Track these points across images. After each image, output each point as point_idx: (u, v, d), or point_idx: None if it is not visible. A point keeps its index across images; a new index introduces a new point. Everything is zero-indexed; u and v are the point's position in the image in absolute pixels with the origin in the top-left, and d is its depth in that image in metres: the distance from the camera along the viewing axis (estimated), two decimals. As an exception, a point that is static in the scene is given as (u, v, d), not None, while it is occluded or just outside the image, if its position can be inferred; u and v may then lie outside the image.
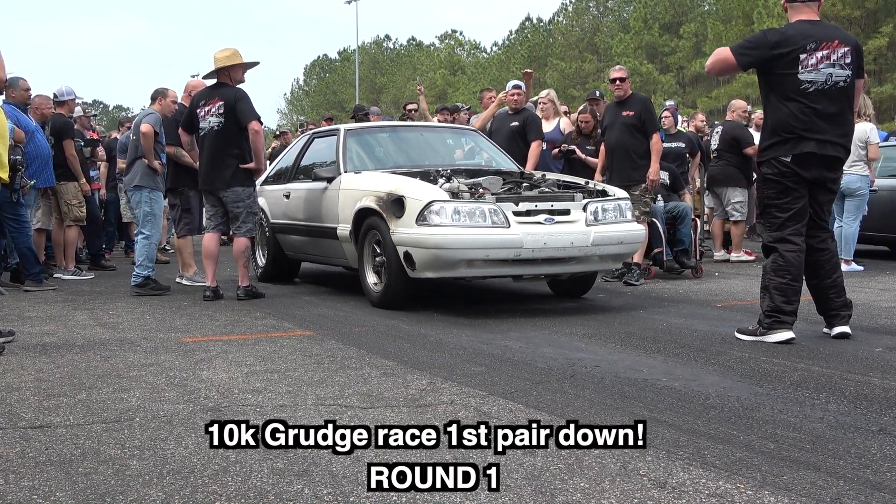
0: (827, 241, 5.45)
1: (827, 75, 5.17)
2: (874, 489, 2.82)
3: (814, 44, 5.18)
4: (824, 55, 5.17)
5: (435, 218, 6.36)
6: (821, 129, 5.18)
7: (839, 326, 5.41)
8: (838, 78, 5.20)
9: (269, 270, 8.91)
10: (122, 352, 5.27)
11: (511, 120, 9.30)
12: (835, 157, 5.29)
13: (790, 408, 3.81)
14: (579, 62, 50.65)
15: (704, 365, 4.74)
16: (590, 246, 6.59)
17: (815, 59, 5.16)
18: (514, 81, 9.80)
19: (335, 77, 74.10)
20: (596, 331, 5.85)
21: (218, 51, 7.68)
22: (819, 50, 5.17)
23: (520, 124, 9.22)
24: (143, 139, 7.92)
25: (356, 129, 8.41)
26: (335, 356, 5.05)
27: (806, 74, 5.16)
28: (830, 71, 5.18)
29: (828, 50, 5.18)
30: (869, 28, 37.01)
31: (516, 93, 9.42)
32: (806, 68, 5.16)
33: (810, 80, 5.16)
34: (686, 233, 9.21)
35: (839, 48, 5.21)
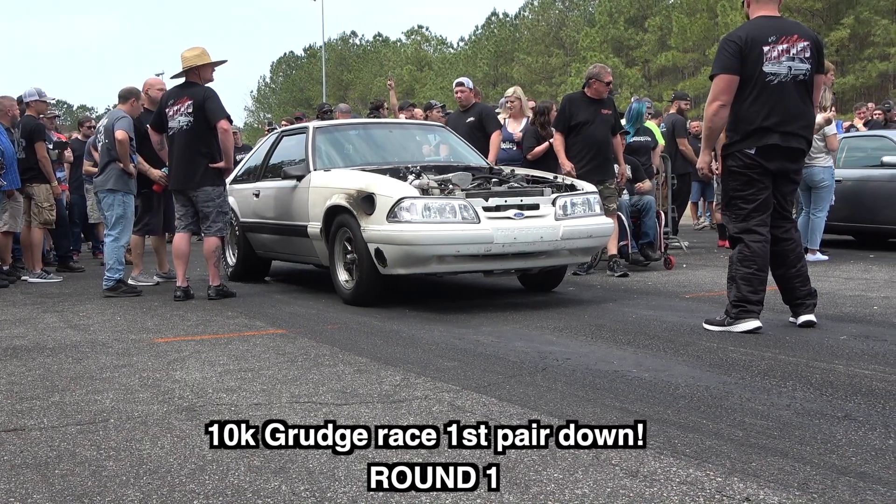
0: (791, 231, 5.55)
1: (787, 68, 5.27)
2: (840, 473, 2.89)
3: (774, 37, 5.28)
4: (784, 49, 5.27)
5: (405, 214, 6.39)
6: (784, 122, 5.28)
7: (805, 315, 5.50)
8: (798, 71, 5.30)
9: (240, 269, 8.91)
10: (93, 354, 5.26)
11: (465, 116, 9.40)
12: (797, 149, 5.39)
13: (758, 396, 3.88)
14: (546, 57, 50.81)
15: (674, 356, 4.81)
16: (559, 240, 6.65)
17: (777, 53, 5.26)
18: (458, 79, 10.00)
19: (302, 74, 73.86)
20: (566, 324, 5.91)
21: (186, 50, 7.65)
22: (779, 43, 5.27)
23: (476, 119, 9.30)
24: (119, 147, 7.87)
25: (325, 127, 8.42)
26: (308, 354, 5.07)
27: (769, 66, 5.25)
28: (790, 64, 5.28)
29: (787, 44, 5.28)
30: (830, 20, 37.45)
31: (459, 90, 9.61)
32: (770, 60, 5.25)
33: (773, 72, 5.26)
34: (651, 225, 9.36)
35: (799, 42, 5.31)
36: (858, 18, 36.26)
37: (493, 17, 59.56)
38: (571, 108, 8.47)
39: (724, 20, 37.82)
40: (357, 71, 67.39)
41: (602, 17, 48.19)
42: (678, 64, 44.34)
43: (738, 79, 5.29)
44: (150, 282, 8.72)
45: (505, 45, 55.02)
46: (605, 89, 8.48)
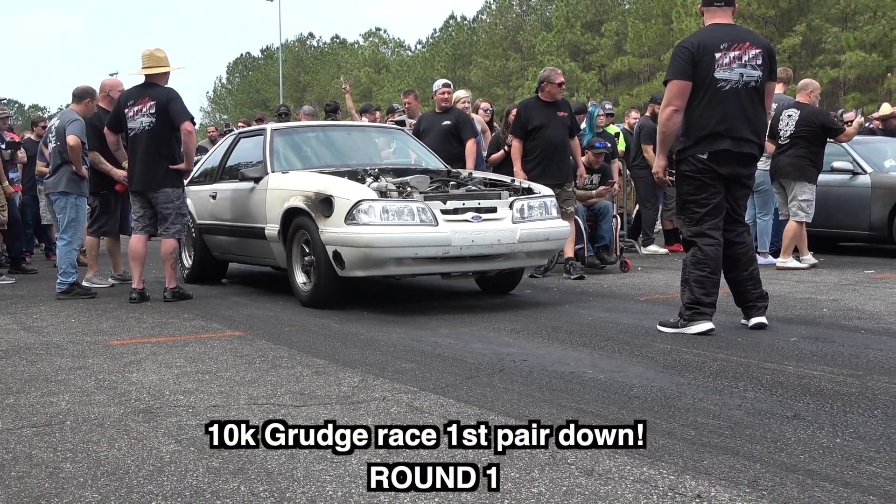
0: (743, 234, 5.66)
1: (739, 75, 5.38)
2: (789, 471, 2.97)
3: (726, 44, 5.38)
4: (736, 56, 5.38)
5: (364, 217, 6.41)
6: (735, 128, 5.39)
7: (756, 317, 5.61)
8: (750, 78, 5.41)
9: (196, 271, 8.85)
10: (48, 356, 5.21)
11: (442, 119, 9.31)
12: (749, 154, 5.50)
13: (710, 396, 3.96)
14: (503, 60, 50.97)
15: (628, 357, 4.88)
16: (516, 243, 6.71)
17: (729, 59, 5.37)
18: (442, 80, 9.88)
19: (259, 75, 73.38)
20: (524, 326, 5.96)
21: (149, 49, 7.59)
22: (731, 50, 5.38)
23: (452, 123, 9.26)
24: (71, 152, 7.78)
25: (283, 129, 8.40)
26: (266, 356, 5.07)
27: (721, 73, 5.36)
28: (742, 71, 5.39)
29: (739, 51, 5.39)
30: (783, 27, 38.00)
31: (446, 91, 9.48)
32: (721, 67, 5.36)
33: (725, 78, 5.36)
34: (607, 229, 9.48)
35: (750, 49, 5.42)
36: (810, 26, 36.85)
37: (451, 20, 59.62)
38: (527, 114, 8.55)
39: (679, 26, 38.22)
40: (314, 72, 67.07)
41: (559, 22, 48.43)
42: (634, 69, 44.73)
43: (691, 84, 5.38)
44: (104, 284, 8.64)
45: (463, 49, 55.11)
46: (557, 90, 8.55)
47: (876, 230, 9.84)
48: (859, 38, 34.25)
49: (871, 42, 34.02)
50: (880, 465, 3.01)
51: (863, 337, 5.35)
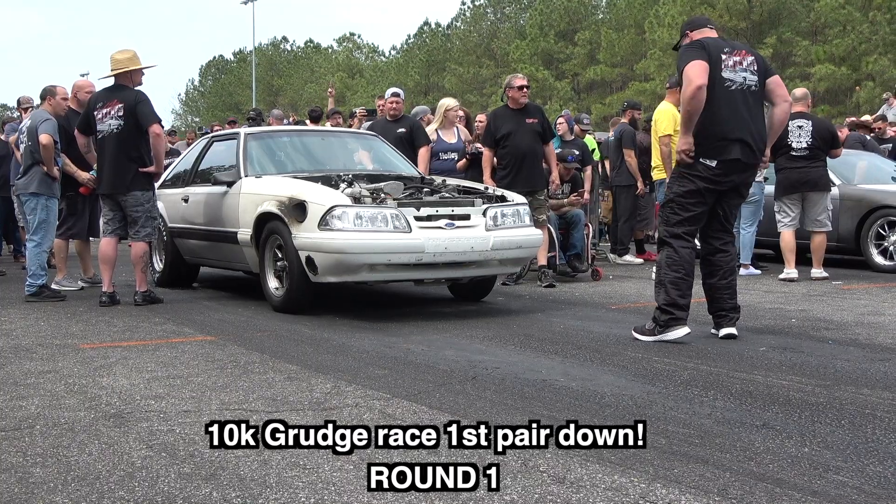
0: (729, 244, 5.72)
1: (742, 77, 5.45)
2: (757, 480, 3.00)
3: (728, 49, 5.49)
4: (737, 60, 5.46)
5: (337, 223, 6.41)
6: (743, 132, 5.41)
7: (727, 328, 5.66)
8: (750, 82, 5.49)
9: (167, 275, 8.79)
10: (17, 359, 5.17)
11: (396, 127, 9.38)
12: (753, 164, 5.57)
13: (680, 405, 4.00)
14: (477, 67, 51.08)
15: (600, 365, 4.91)
16: (489, 250, 6.73)
17: (732, 62, 5.45)
18: (392, 89, 9.99)
19: (231, 78, 72.99)
20: (496, 333, 5.98)
21: (117, 52, 7.55)
22: (733, 55, 5.47)
23: (406, 131, 9.30)
24: (43, 151, 7.72)
25: (257, 133, 8.38)
26: (238, 361, 5.05)
27: (727, 73, 5.42)
28: (744, 75, 5.47)
29: (739, 57, 5.48)
30: (754, 39, 38.34)
31: (394, 101, 9.58)
32: (727, 67, 5.42)
33: (730, 79, 5.42)
34: (579, 237, 9.53)
35: (747, 56, 5.52)
36: (781, 38, 37.25)
37: (425, 26, 59.62)
38: (496, 122, 8.60)
39: (651, 36, 38.54)
40: (287, 77, 66.88)
41: (533, 30, 48.62)
42: (606, 78, 44.97)
43: (707, 66, 5.30)
44: (74, 287, 8.56)
45: (437, 55, 55.14)
46: (519, 94, 8.55)
47: (843, 241, 9.97)
48: (829, 51, 34.68)
49: (840, 55, 34.45)
50: (847, 475, 3.05)
51: (830, 347, 5.42)
